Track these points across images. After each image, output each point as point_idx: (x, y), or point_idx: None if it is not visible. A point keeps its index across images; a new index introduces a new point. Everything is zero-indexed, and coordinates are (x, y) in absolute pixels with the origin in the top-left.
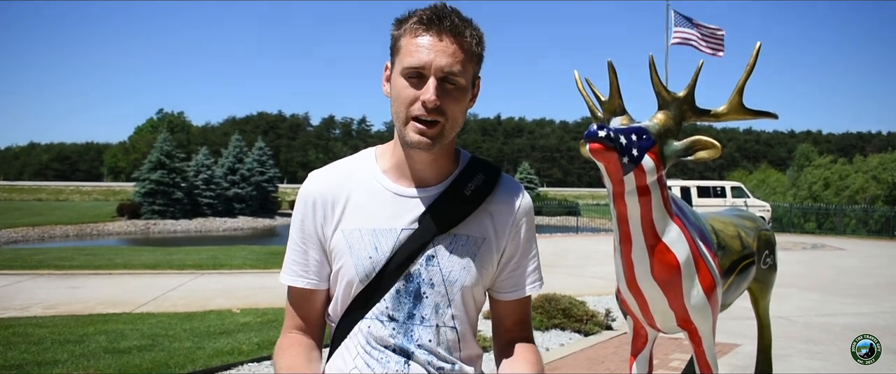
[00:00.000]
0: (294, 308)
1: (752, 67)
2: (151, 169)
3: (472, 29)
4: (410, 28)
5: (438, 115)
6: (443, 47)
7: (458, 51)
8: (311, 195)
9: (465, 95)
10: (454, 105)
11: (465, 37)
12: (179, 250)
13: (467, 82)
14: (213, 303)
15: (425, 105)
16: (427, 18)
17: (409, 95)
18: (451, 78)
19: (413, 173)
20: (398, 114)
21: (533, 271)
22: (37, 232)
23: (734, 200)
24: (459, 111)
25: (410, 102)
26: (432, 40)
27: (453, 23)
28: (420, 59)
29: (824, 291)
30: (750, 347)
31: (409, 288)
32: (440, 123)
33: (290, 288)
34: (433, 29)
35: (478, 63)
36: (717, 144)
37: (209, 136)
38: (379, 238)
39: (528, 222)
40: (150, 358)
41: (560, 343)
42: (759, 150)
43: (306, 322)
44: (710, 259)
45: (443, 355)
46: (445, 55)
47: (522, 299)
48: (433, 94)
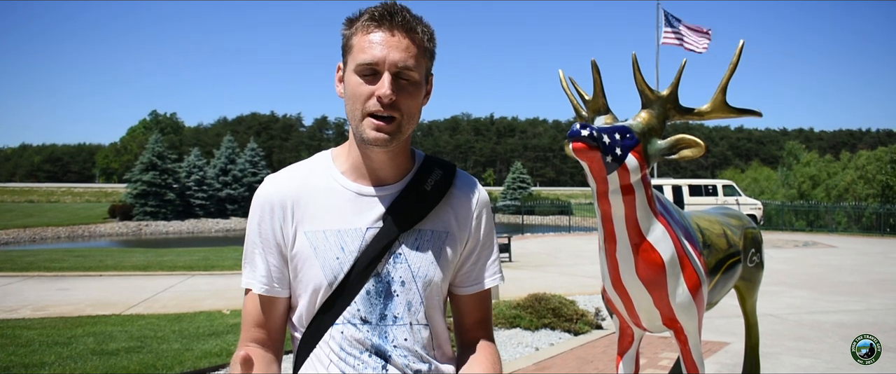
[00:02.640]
0: (254, 318)
1: (736, 64)
2: (143, 170)
3: (423, 25)
4: (362, 25)
5: (394, 110)
6: (395, 43)
7: (411, 46)
8: (268, 199)
9: (419, 90)
10: (409, 100)
11: (417, 32)
12: (171, 252)
13: (421, 78)
14: (203, 304)
15: (381, 100)
16: (379, 15)
17: (363, 91)
18: (404, 73)
19: (372, 173)
20: (353, 112)
21: (492, 263)
22: (28, 233)
23: (726, 198)
24: (415, 107)
25: (365, 99)
26: (385, 36)
27: (405, 18)
28: (373, 55)
29: (815, 288)
30: (739, 345)
31: (379, 288)
32: (396, 119)
33: (248, 298)
34: (385, 25)
35: (430, 59)
36: (701, 142)
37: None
38: (344, 238)
39: (486, 215)
40: (137, 360)
41: (550, 343)
42: (751, 148)
43: (266, 333)
44: (696, 258)
45: (420, 353)
46: (399, 50)
47: (482, 293)
48: (388, 88)
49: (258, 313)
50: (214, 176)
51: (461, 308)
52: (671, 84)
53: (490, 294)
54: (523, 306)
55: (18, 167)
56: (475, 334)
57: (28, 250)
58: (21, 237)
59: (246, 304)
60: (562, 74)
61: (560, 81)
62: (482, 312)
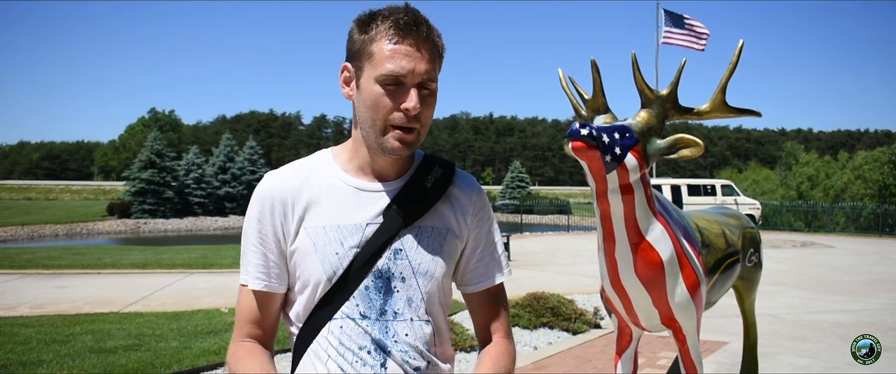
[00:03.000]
0: (249, 314)
1: (735, 64)
2: (142, 168)
3: (437, 33)
4: (385, 33)
5: (416, 122)
6: (421, 55)
7: (433, 57)
8: (268, 195)
9: (435, 98)
10: (427, 110)
11: (437, 43)
12: (169, 250)
13: (436, 86)
14: (201, 302)
15: (408, 113)
16: (404, 24)
17: (386, 103)
18: (426, 84)
19: (373, 170)
20: (375, 121)
21: (499, 259)
22: (26, 231)
23: (724, 198)
24: (431, 115)
25: (390, 111)
26: (410, 49)
27: (428, 28)
28: (402, 67)
29: (813, 288)
30: (737, 344)
31: (379, 284)
32: (416, 130)
33: (244, 293)
34: (411, 36)
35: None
36: (700, 142)
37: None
38: (344, 234)
39: (487, 212)
40: (135, 358)
41: (548, 342)
42: (750, 148)
43: (261, 329)
44: (694, 258)
45: (420, 350)
46: (424, 62)
47: (492, 289)
48: (418, 103)
49: (254, 308)
50: (213, 174)
51: (474, 307)
52: (671, 84)
53: (502, 290)
54: (522, 305)
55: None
56: (490, 332)
57: (26, 248)
58: (19, 235)
59: (241, 299)
60: (561, 74)
61: (559, 80)
62: (494, 307)
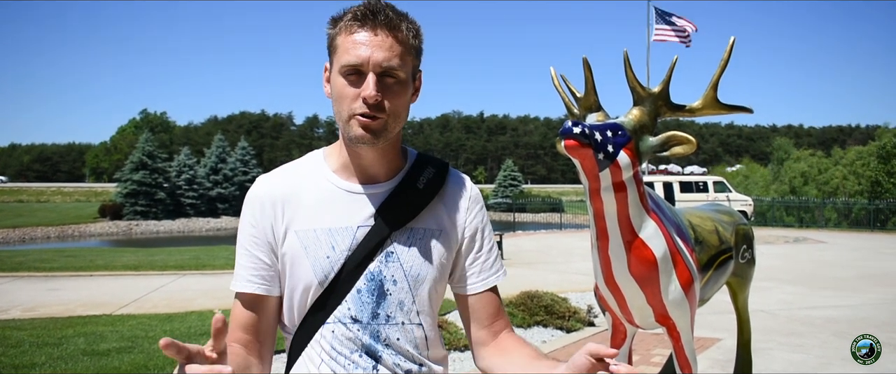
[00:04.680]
0: (238, 320)
1: (726, 61)
2: (133, 169)
3: (408, 22)
4: (345, 25)
5: (379, 111)
6: (379, 42)
7: (396, 44)
8: (259, 198)
9: (406, 88)
10: (395, 99)
11: (402, 30)
12: (161, 251)
13: (407, 76)
14: (194, 304)
15: (366, 101)
16: (361, 14)
17: (349, 93)
18: (390, 72)
19: (363, 171)
20: (340, 112)
21: (495, 260)
22: (18, 234)
23: (716, 194)
24: (401, 105)
25: (351, 100)
26: (368, 36)
27: (388, 17)
28: (357, 56)
29: (806, 284)
30: (731, 341)
31: (371, 287)
32: (382, 118)
33: (239, 297)
34: (368, 24)
35: (417, 56)
36: (692, 139)
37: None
38: (335, 237)
39: (480, 213)
40: (128, 360)
41: (542, 340)
42: (741, 144)
43: (251, 334)
44: (688, 254)
45: (411, 353)
46: (382, 50)
47: (491, 290)
48: (373, 89)
49: (246, 313)
50: (205, 175)
51: (474, 306)
52: (662, 81)
53: (498, 292)
54: (515, 303)
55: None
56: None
57: (18, 251)
58: (11, 237)
59: (233, 306)
60: (553, 72)
61: (552, 78)
62: (496, 309)
